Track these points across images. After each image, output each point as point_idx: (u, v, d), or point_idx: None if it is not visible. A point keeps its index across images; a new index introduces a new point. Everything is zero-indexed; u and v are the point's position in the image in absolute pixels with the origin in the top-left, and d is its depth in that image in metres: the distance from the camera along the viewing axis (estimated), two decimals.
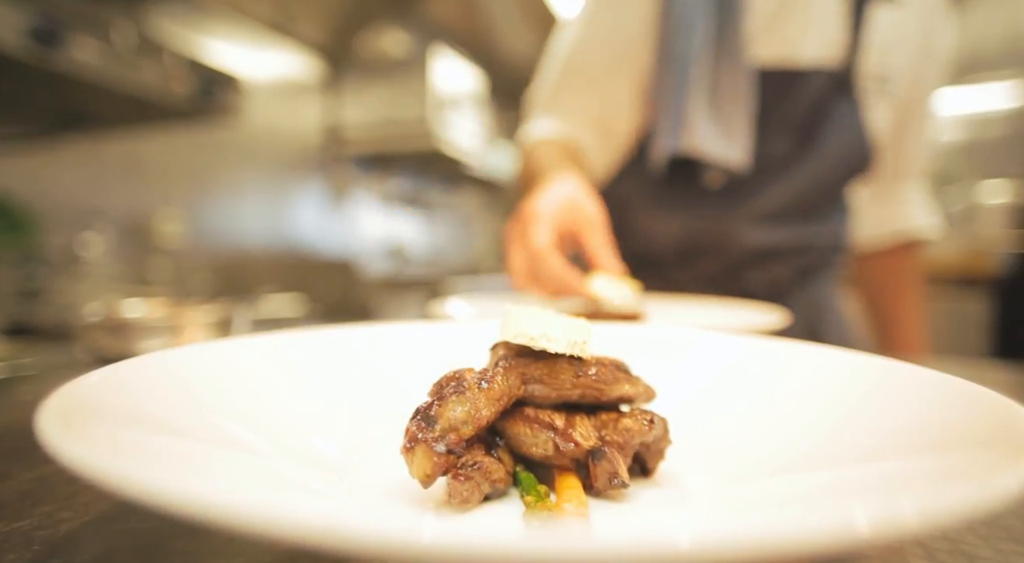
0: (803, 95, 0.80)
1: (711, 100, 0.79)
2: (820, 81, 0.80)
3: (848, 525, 0.14)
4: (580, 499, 0.27)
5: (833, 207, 0.91)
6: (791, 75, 0.80)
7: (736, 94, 0.78)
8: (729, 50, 0.78)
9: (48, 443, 0.17)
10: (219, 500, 0.14)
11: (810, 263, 0.91)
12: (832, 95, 0.81)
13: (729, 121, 0.78)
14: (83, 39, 1.20)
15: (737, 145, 0.78)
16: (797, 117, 0.82)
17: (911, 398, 0.29)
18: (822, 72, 0.80)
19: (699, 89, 0.78)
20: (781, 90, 0.80)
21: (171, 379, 0.29)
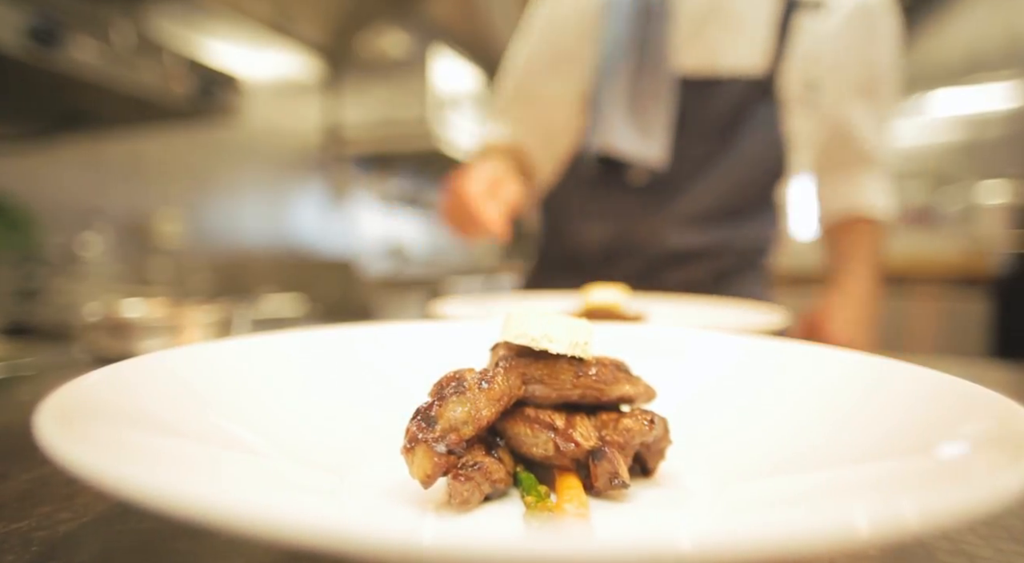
0: (724, 100, 0.85)
1: (631, 102, 0.85)
2: (741, 88, 0.85)
3: (849, 525, 0.14)
4: (581, 499, 0.27)
5: (757, 210, 0.95)
6: (713, 82, 0.85)
7: (656, 98, 0.84)
8: (651, 57, 0.84)
9: (46, 444, 0.17)
10: (218, 501, 0.14)
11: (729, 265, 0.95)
12: (753, 101, 0.86)
13: (648, 122, 0.84)
14: (82, 39, 1.20)
15: (655, 144, 0.84)
16: (718, 121, 0.87)
17: (911, 398, 0.28)
18: (744, 79, 0.85)
19: (619, 92, 0.85)
20: (703, 95, 0.86)
21: (171, 379, 0.29)
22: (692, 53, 0.85)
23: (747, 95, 0.85)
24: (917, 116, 3.68)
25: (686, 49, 0.85)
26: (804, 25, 0.84)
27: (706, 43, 0.85)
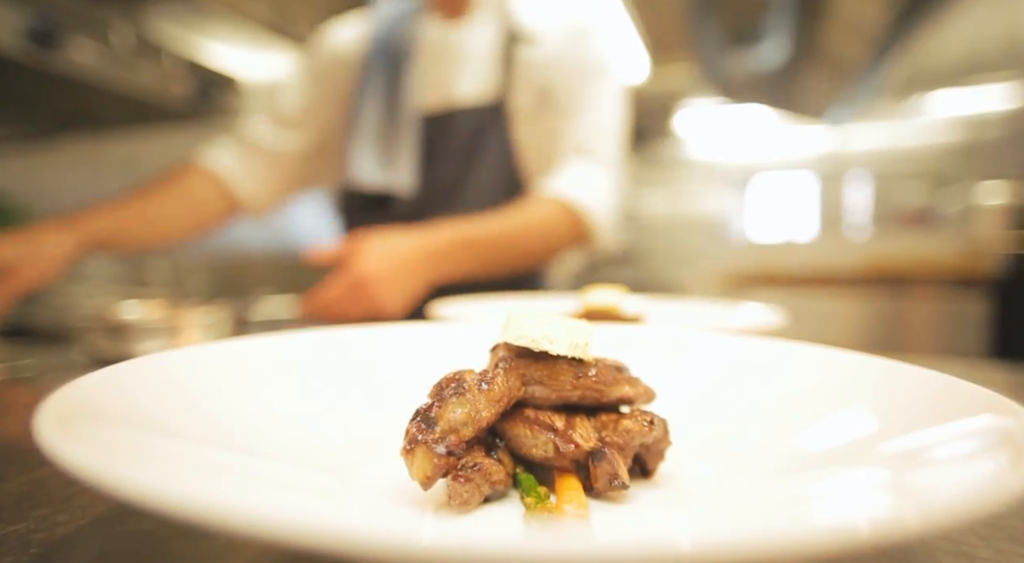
0: (463, 128, 0.97)
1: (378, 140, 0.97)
2: (476, 116, 0.97)
3: (849, 527, 0.14)
4: (580, 500, 0.27)
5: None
6: (451, 113, 0.97)
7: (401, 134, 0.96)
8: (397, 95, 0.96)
9: (46, 445, 0.17)
10: (217, 502, 0.14)
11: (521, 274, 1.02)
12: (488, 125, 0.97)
13: (394, 156, 0.96)
14: (81, 40, 1.20)
15: (402, 175, 0.95)
16: (460, 147, 0.98)
17: (911, 399, 0.28)
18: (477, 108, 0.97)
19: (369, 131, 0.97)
20: (444, 127, 0.98)
21: (170, 381, 0.29)
22: (431, 90, 0.98)
23: (482, 121, 0.97)
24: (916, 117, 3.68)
25: (425, 87, 0.98)
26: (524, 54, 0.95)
27: (441, 81, 0.98)
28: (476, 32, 0.97)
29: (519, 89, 0.96)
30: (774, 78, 3.49)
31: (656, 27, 3.08)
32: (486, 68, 0.97)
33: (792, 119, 4.12)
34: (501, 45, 0.96)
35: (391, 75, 0.97)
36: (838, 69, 3.25)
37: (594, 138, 0.96)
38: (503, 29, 0.97)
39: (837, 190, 4.03)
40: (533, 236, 0.90)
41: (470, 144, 0.97)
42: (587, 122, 0.96)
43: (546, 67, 0.95)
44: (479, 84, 0.97)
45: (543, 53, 0.95)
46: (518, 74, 0.96)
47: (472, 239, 0.85)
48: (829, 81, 3.43)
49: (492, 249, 0.87)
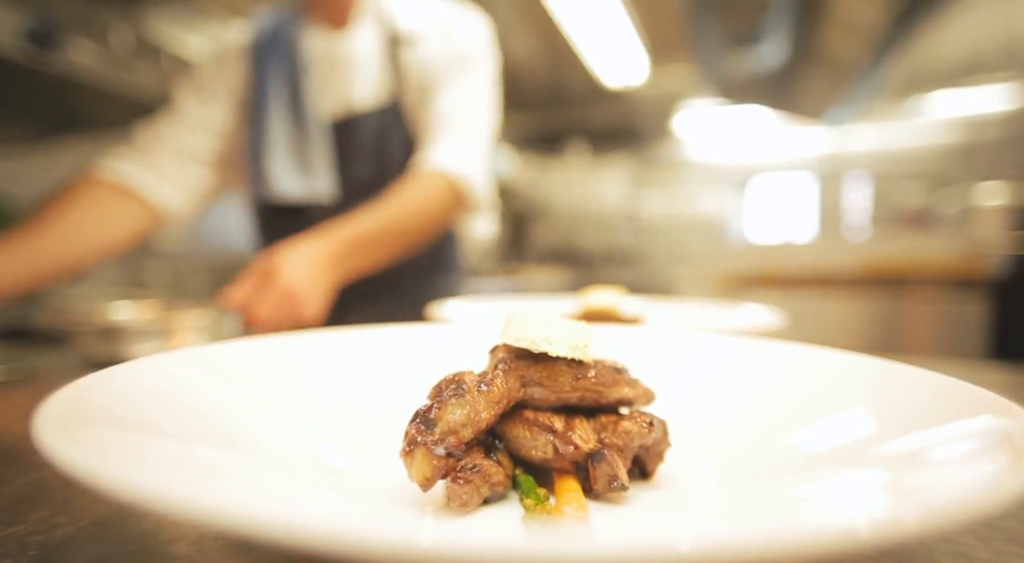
0: (367, 131, 1.02)
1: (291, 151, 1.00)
2: (376, 118, 1.02)
3: (849, 528, 0.14)
4: (579, 502, 0.27)
5: None
6: (354, 118, 1.02)
7: (312, 143, 1.00)
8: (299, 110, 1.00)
9: (45, 447, 0.17)
10: (216, 505, 0.14)
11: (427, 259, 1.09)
12: (388, 125, 1.03)
13: (310, 164, 1.00)
14: (80, 41, 1.20)
15: (321, 183, 0.99)
16: (369, 149, 1.03)
17: (910, 400, 0.28)
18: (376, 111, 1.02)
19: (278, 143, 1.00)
20: (350, 131, 1.02)
21: (168, 383, 0.29)
22: (330, 99, 1.03)
23: (383, 122, 1.03)
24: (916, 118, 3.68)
25: (325, 96, 1.03)
26: (407, 55, 1.02)
27: (338, 89, 1.03)
28: (360, 40, 1.03)
29: (407, 89, 1.03)
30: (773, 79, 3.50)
31: (655, 28, 3.08)
32: (376, 73, 1.03)
33: (791, 120, 4.13)
34: (385, 49, 1.03)
35: (289, 85, 1.01)
36: (837, 70, 3.26)
37: (458, 110, 1.01)
38: (384, 34, 1.03)
39: (836, 191, 4.03)
40: (419, 215, 0.94)
41: (377, 144, 1.03)
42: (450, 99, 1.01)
43: (423, 65, 1.02)
44: (373, 88, 1.03)
45: (420, 53, 1.02)
46: (404, 75, 1.03)
47: (366, 234, 0.88)
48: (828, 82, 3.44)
49: (385, 239, 0.90)
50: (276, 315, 0.76)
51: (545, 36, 3.07)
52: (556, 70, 3.56)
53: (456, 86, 1.02)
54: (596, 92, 3.87)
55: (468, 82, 1.03)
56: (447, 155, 0.96)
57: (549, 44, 3.17)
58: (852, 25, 2.78)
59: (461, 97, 1.02)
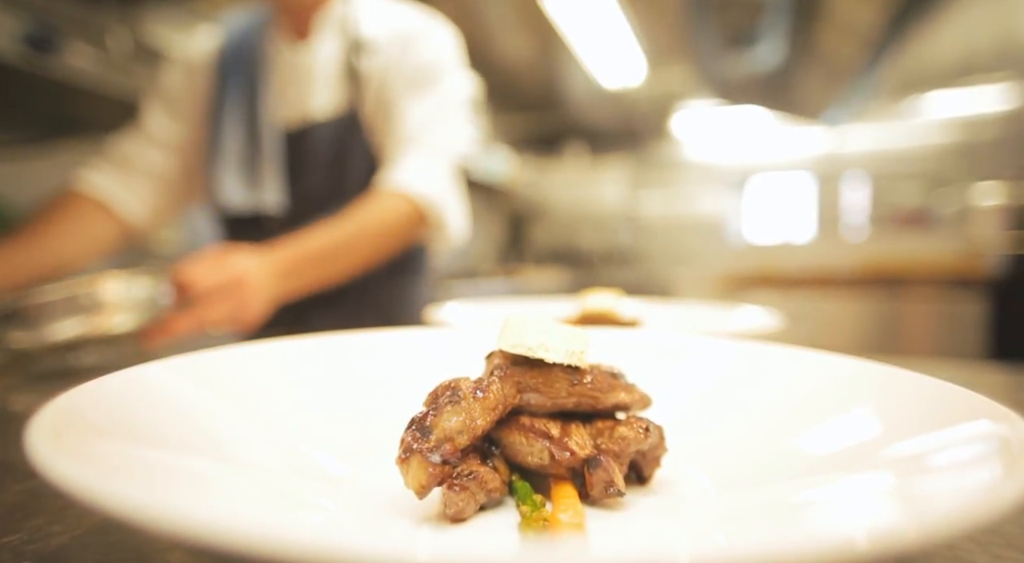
0: (323, 140, 1.00)
1: (241, 161, 0.99)
2: (333, 128, 1.00)
3: (847, 538, 0.14)
4: (576, 509, 0.27)
5: None
6: (309, 129, 1.00)
7: (263, 153, 0.98)
8: (254, 119, 0.99)
9: (36, 460, 0.17)
10: (208, 520, 0.14)
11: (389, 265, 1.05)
12: (346, 136, 1.01)
13: (259, 176, 0.98)
14: (78, 45, 1.19)
15: (269, 194, 0.98)
16: (323, 159, 1.00)
17: (907, 405, 0.28)
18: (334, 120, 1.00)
19: (230, 153, 0.99)
20: (304, 141, 1.00)
21: (162, 392, 0.29)
22: (287, 108, 1.01)
23: (340, 131, 1.00)
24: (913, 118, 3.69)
25: (282, 106, 1.01)
26: (365, 63, 1.00)
27: (296, 99, 1.01)
28: (323, 49, 1.01)
29: (366, 98, 1.01)
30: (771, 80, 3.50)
31: (653, 30, 3.09)
32: (336, 82, 1.01)
33: (789, 120, 4.13)
34: (346, 57, 1.01)
35: (247, 94, 1.00)
36: (834, 70, 3.27)
37: (424, 128, 0.98)
38: (346, 42, 1.01)
39: (834, 191, 4.04)
40: (371, 235, 0.92)
41: (333, 154, 1.01)
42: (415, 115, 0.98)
43: (381, 74, 1.00)
44: (331, 98, 1.01)
45: (378, 61, 1.00)
46: (363, 84, 1.00)
47: (316, 251, 0.87)
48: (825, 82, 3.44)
49: (337, 256, 0.89)
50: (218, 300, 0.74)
51: (542, 37, 3.07)
52: (554, 71, 3.56)
53: (422, 101, 0.99)
54: (594, 93, 3.88)
55: (435, 98, 1.00)
56: (410, 175, 0.94)
57: (546, 45, 3.17)
58: (849, 26, 2.79)
59: (427, 114, 0.99)
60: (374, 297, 1.07)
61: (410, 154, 0.96)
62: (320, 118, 1.01)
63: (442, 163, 0.99)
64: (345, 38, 1.01)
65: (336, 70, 1.01)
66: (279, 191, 0.99)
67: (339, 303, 1.05)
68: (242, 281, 0.75)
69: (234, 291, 0.75)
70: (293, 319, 1.00)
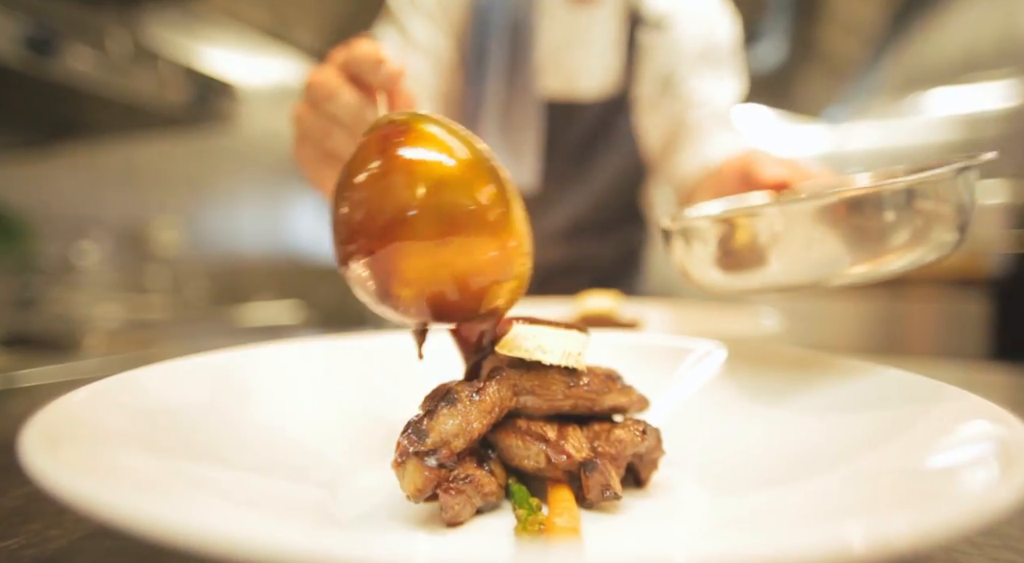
0: (585, 121, 0.92)
1: (502, 127, 0.89)
2: (599, 108, 0.92)
3: (843, 542, 0.14)
4: (572, 512, 0.27)
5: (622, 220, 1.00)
6: (574, 104, 0.91)
7: (525, 121, 0.89)
8: (520, 81, 0.88)
9: (29, 466, 0.17)
10: (202, 527, 0.14)
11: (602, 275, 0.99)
12: (611, 118, 0.92)
13: (519, 146, 0.89)
14: (78, 48, 1.20)
15: (526, 167, 0.89)
16: (580, 141, 0.93)
17: (906, 407, 0.28)
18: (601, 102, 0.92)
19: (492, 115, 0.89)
20: (565, 118, 0.91)
21: (157, 395, 0.29)
22: (553, 78, 0.91)
23: (605, 113, 0.92)
24: (914, 116, 3.68)
25: (548, 74, 0.91)
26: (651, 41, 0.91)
27: (565, 68, 0.92)
28: (603, 17, 0.92)
29: (644, 76, 0.92)
30: (772, 78, 3.50)
31: None
32: (612, 56, 0.92)
33: (790, 119, 4.12)
34: (628, 31, 0.92)
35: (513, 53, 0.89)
36: (835, 68, 3.26)
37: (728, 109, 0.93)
38: (630, 14, 0.92)
39: None
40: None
41: (591, 138, 0.93)
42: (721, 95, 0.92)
43: (673, 52, 0.91)
44: (604, 73, 0.92)
45: (670, 38, 0.91)
46: (644, 61, 0.92)
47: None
48: (827, 81, 3.43)
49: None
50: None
51: None
52: None
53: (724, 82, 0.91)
54: None
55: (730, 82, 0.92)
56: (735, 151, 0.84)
57: None
58: (850, 23, 2.79)
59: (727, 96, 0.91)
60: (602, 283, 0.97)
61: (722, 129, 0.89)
62: (587, 95, 0.92)
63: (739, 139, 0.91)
64: (628, 10, 0.93)
65: (616, 43, 0.92)
66: (534, 168, 0.90)
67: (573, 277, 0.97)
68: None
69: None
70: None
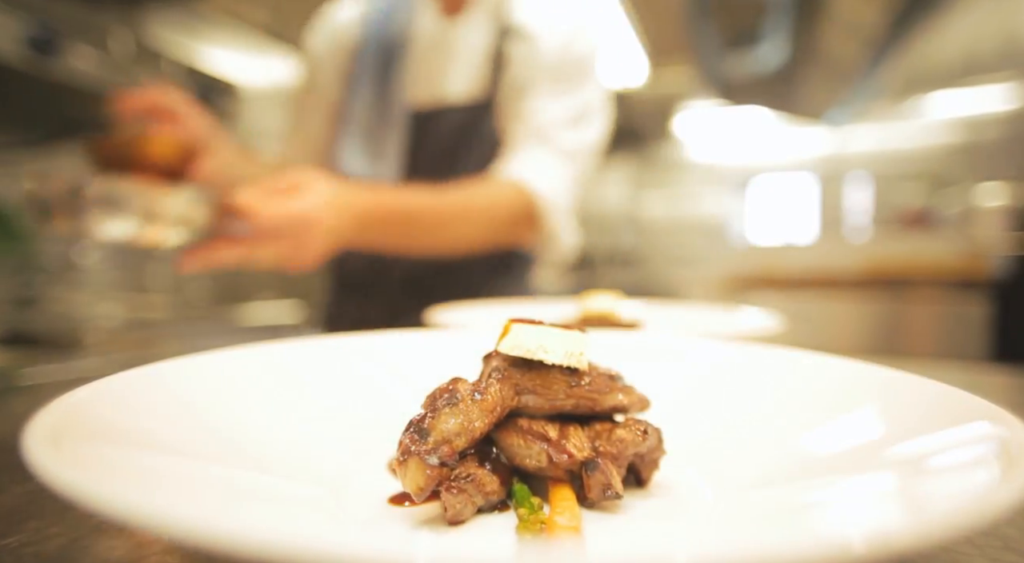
0: (449, 126, 0.97)
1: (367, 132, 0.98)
2: (464, 113, 0.97)
3: (844, 541, 0.14)
4: (573, 512, 0.27)
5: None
6: (440, 111, 0.97)
7: (389, 128, 0.96)
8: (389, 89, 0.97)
9: (34, 464, 0.17)
10: (206, 522, 0.14)
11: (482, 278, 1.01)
12: (474, 122, 0.96)
13: (382, 149, 0.96)
14: (81, 47, 1.20)
15: (387, 168, 0.96)
16: (447, 144, 0.98)
17: (907, 408, 0.28)
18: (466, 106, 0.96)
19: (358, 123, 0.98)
20: (432, 123, 0.97)
21: (160, 393, 0.29)
22: (424, 86, 0.97)
23: (469, 119, 0.96)
24: (915, 118, 3.68)
25: (416, 83, 0.97)
26: (515, 52, 0.94)
27: (433, 77, 0.97)
28: (472, 29, 0.97)
29: (506, 85, 0.95)
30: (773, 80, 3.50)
31: (655, 30, 3.08)
32: (478, 65, 0.96)
33: (791, 121, 4.13)
34: (495, 42, 0.96)
35: (383, 67, 0.97)
36: (837, 71, 3.26)
37: (564, 127, 0.93)
38: (498, 26, 0.96)
39: (837, 192, 4.03)
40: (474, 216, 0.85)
41: (456, 142, 0.97)
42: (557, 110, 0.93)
43: (529, 62, 0.94)
44: (469, 81, 0.96)
45: (533, 49, 0.94)
46: (507, 71, 0.95)
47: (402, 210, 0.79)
48: (828, 83, 3.44)
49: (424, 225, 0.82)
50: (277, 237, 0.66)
51: None
52: None
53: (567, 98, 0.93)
54: None
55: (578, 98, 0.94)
56: (534, 171, 0.88)
57: None
58: (851, 26, 2.79)
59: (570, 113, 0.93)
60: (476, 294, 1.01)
61: (538, 150, 0.91)
62: (453, 101, 0.97)
63: (568, 169, 0.93)
64: (498, 20, 0.96)
65: (481, 52, 0.96)
66: (397, 169, 0.96)
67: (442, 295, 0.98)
68: (308, 221, 0.67)
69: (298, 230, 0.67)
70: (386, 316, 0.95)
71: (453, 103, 0.96)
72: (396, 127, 0.96)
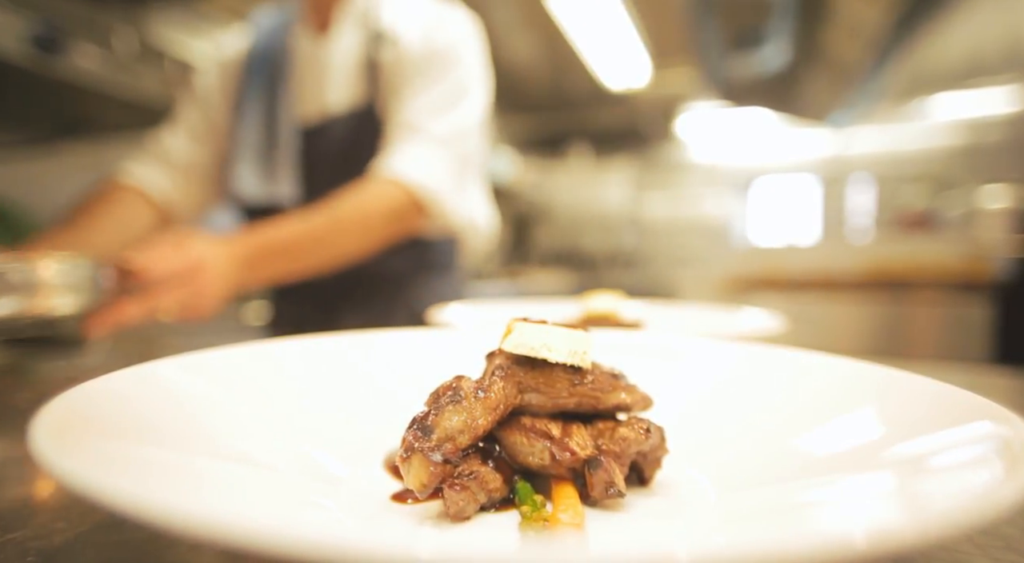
0: (338, 136, 1.01)
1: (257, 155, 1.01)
2: (349, 121, 1.01)
3: (846, 538, 0.14)
4: (576, 509, 0.27)
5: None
6: (326, 124, 1.01)
7: (279, 147, 1.00)
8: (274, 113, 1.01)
9: (39, 457, 0.17)
10: (210, 516, 0.14)
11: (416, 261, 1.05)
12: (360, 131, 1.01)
13: (275, 169, 1.00)
14: (84, 46, 1.20)
15: (283, 187, 0.99)
16: (339, 153, 1.01)
17: (909, 407, 0.28)
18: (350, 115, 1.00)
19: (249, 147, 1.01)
20: (321, 136, 1.01)
21: (164, 390, 0.29)
22: (306, 103, 1.02)
23: (355, 126, 1.00)
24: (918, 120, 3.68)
25: (301, 100, 1.02)
26: (385, 56, 0.98)
27: (315, 93, 1.02)
28: (342, 42, 1.01)
29: (385, 90, 1.00)
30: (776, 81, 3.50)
31: (657, 31, 3.09)
32: (354, 75, 1.00)
33: (794, 122, 4.12)
34: (365, 50, 1.00)
35: (269, 89, 1.01)
36: (839, 72, 3.26)
37: (431, 115, 0.96)
38: (367, 34, 1.00)
39: (839, 194, 4.02)
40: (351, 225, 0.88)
41: (348, 149, 1.01)
42: (422, 102, 0.96)
43: (399, 63, 0.98)
44: (349, 91, 1.00)
45: (401, 52, 0.98)
46: (383, 76, 0.99)
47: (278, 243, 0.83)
48: (830, 84, 3.43)
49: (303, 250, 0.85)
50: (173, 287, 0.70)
51: (547, 39, 3.07)
52: (558, 73, 3.56)
53: (433, 88, 0.97)
54: (598, 95, 3.87)
55: (444, 85, 0.98)
56: (405, 163, 0.91)
57: (551, 47, 3.17)
58: (854, 27, 2.78)
59: (436, 101, 0.96)
60: (404, 295, 1.06)
61: (408, 141, 0.93)
62: (336, 113, 1.00)
63: (443, 153, 0.96)
64: (366, 30, 1.00)
65: (354, 63, 1.00)
66: (293, 185, 1.00)
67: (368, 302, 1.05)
68: (199, 268, 0.72)
69: (190, 278, 0.71)
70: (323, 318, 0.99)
71: (337, 114, 1.00)
72: (287, 146, 1.00)
